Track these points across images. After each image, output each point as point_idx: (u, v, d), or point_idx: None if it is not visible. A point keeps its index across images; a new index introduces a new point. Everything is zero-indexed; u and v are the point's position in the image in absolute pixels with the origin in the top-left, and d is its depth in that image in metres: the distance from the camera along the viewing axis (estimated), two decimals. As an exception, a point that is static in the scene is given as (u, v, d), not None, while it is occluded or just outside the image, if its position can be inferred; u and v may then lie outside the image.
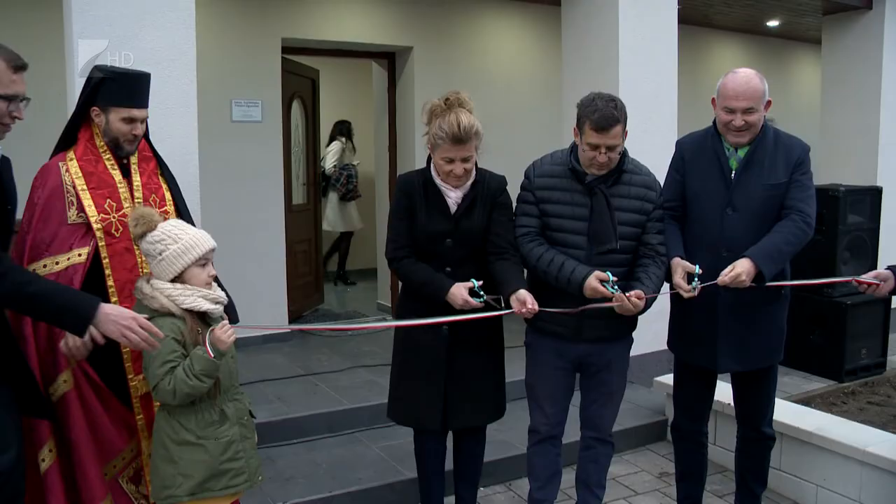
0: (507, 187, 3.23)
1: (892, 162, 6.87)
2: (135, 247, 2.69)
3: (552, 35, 6.60)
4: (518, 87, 7.28)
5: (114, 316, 2.32)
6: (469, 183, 3.11)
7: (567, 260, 3.02)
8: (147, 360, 2.45)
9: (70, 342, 2.51)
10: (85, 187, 2.70)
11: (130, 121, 2.73)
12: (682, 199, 3.29)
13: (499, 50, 7.25)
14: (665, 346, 3.51)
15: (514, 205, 3.23)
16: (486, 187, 3.16)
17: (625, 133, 3.02)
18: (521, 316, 3.00)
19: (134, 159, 2.84)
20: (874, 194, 5.76)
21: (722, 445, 4.21)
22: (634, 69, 5.13)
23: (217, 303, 2.55)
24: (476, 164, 3.13)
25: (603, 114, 2.93)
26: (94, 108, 2.74)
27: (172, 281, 2.50)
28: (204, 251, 2.52)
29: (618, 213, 3.05)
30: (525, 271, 3.15)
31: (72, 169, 2.71)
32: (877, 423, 4.50)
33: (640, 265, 3.12)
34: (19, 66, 2.26)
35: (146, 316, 2.39)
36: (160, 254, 2.48)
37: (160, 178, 2.93)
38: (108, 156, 2.77)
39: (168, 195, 2.92)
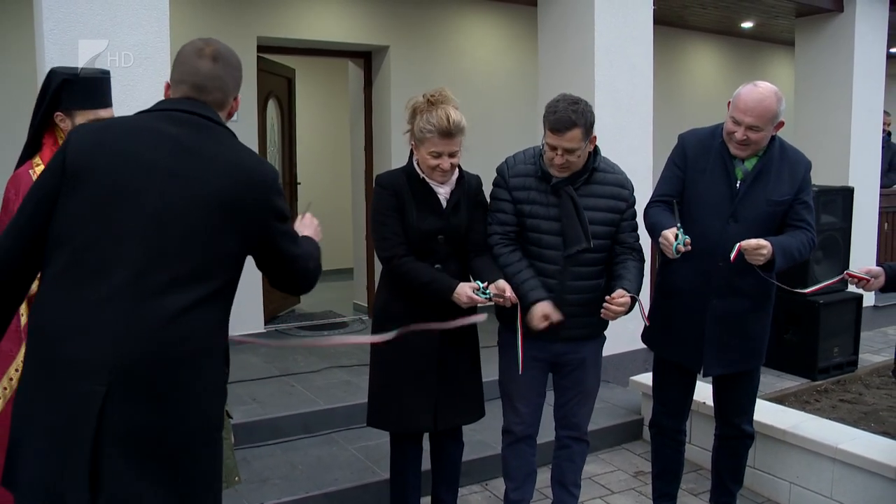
0: (483, 186, 3.25)
1: (864, 162, 6.96)
2: None
3: (528, 35, 6.62)
4: (495, 86, 7.28)
5: None
6: (454, 178, 3.11)
7: (528, 280, 3.03)
8: None
9: None
10: None
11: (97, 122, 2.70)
12: (681, 195, 3.24)
13: (475, 50, 7.25)
14: (640, 346, 3.52)
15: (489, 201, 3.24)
16: (468, 184, 3.17)
17: (589, 138, 3.00)
18: (502, 304, 3.00)
19: None
20: (846, 194, 5.82)
21: (698, 444, 4.24)
22: (610, 69, 5.16)
23: None
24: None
25: (559, 116, 2.93)
26: (58, 112, 2.70)
27: None
28: None
29: (591, 213, 3.04)
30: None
31: None
32: (848, 420, 4.56)
33: (618, 261, 3.13)
34: None
35: None
36: None
37: None
38: None
39: None
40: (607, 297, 2.97)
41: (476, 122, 6.58)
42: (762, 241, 2.98)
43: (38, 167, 2.67)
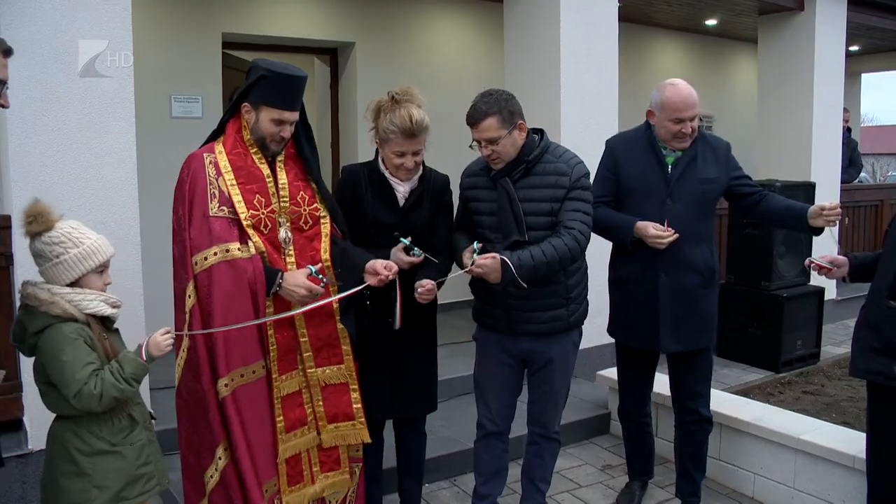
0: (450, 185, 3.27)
1: (825, 158, 7.08)
2: (281, 245, 2.77)
3: (495, 32, 6.63)
4: (461, 83, 7.25)
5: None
6: (417, 177, 3.12)
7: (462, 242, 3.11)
8: (60, 366, 2.30)
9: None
10: (234, 182, 2.71)
11: (280, 122, 2.74)
12: (616, 194, 3.45)
13: (442, 47, 7.25)
14: (607, 341, 3.57)
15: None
16: (433, 183, 3.19)
17: (515, 126, 2.95)
18: (421, 300, 2.96)
19: (281, 157, 2.85)
20: (808, 189, 5.92)
21: (662, 437, 4.28)
22: (576, 66, 5.18)
23: (115, 306, 2.47)
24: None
25: (471, 111, 3.01)
26: (245, 104, 2.75)
27: (69, 286, 2.40)
28: (105, 258, 2.44)
29: (530, 204, 3.00)
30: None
31: (220, 162, 2.72)
32: (811, 411, 4.64)
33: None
34: (7, 51, 2.18)
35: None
36: (57, 256, 2.36)
37: (308, 177, 2.95)
38: (254, 149, 2.78)
39: (318, 196, 2.95)
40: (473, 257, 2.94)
41: (443, 120, 6.55)
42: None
43: (219, 154, 2.73)
